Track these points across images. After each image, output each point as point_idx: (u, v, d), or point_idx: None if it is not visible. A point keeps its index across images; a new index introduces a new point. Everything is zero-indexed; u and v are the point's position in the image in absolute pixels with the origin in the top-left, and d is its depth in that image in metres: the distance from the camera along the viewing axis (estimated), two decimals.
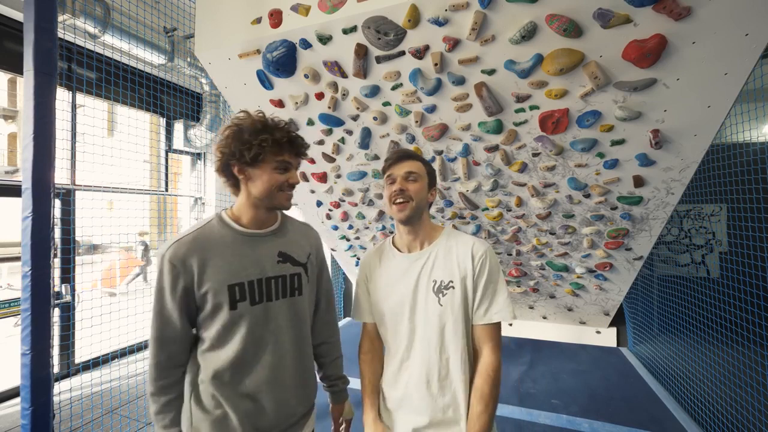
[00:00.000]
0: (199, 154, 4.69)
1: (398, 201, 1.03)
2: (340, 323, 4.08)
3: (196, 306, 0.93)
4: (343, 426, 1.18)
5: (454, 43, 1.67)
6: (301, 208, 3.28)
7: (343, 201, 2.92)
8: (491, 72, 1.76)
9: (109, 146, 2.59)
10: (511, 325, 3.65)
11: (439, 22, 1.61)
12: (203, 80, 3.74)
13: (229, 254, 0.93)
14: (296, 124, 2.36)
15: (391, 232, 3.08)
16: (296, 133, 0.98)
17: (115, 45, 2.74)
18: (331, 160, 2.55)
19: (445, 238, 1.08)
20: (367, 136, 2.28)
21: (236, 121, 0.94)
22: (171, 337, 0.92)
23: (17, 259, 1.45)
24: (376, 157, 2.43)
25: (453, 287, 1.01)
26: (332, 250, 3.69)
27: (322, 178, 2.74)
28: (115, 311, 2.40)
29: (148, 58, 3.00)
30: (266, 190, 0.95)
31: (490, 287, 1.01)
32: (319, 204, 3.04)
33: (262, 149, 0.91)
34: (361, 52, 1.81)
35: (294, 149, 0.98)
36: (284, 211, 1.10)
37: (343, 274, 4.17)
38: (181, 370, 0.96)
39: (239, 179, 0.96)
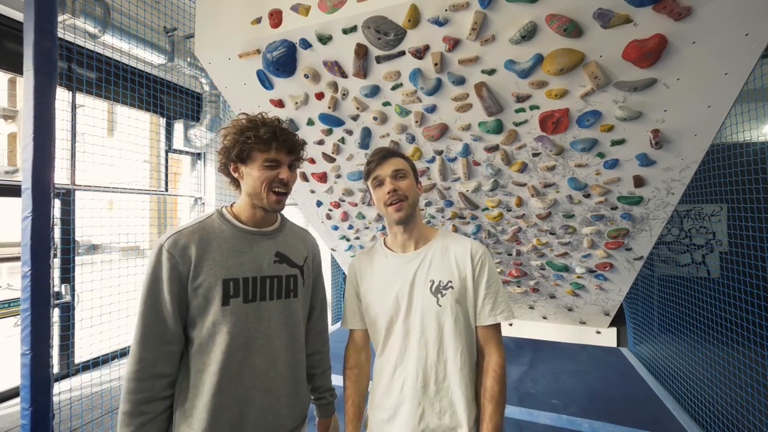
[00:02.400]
0: (199, 154, 4.69)
1: (393, 202, 1.00)
2: (341, 323, 4.08)
3: (186, 302, 0.88)
4: None
5: (454, 43, 1.67)
6: (301, 208, 3.29)
7: (343, 201, 2.92)
8: (491, 72, 1.76)
9: (109, 146, 2.59)
10: (511, 325, 3.65)
11: (439, 22, 1.61)
12: (203, 80, 3.73)
13: (227, 249, 0.91)
14: (296, 125, 2.36)
15: None
16: (286, 129, 0.96)
17: (115, 45, 2.74)
18: (331, 160, 2.55)
19: (440, 238, 1.07)
20: (367, 136, 2.28)
21: (232, 123, 0.95)
22: (162, 337, 0.85)
23: (17, 259, 1.45)
24: None
25: (452, 287, 0.99)
26: (332, 250, 3.69)
27: (322, 178, 2.74)
28: (115, 311, 2.40)
29: (148, 58, 3.00)
30: (255, 188, 0.93)
31: (492, 287, 1.01)
32: (319, 204, 3.04)
33: (246, 146, 0.90)
34: (361, 52, 1.81)
35: (283, 146, 0.94)
36: (284, 214, 1.09)
37: (343, 274, 4.17)
38: (165, 381, 0.86)
39: (237, 178, 0.97)
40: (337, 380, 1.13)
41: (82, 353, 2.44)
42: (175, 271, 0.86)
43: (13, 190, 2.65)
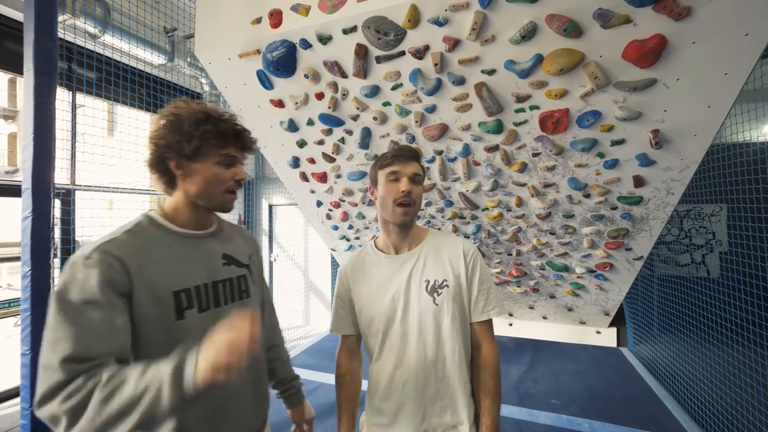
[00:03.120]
0: None
1: (404, 203, 1.00)
2: None
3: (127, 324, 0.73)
4: (308, 428, 1.12)
5: (454, 43, 1.67)
6: (301, 208, 3.29)
7: (343, 201, 2.92)
8: (491, 72, 1.76)
9: (109, 146, 2.59)
10: (511, 325, 3.65)
11: (439, 22, 1.61)
12: (203, 80, 3.73)
13: (170, 257, 0.81)
14: (296, 125, 2.36)
15: None
16: (242, 126, 0.90)
17: (115, 45, 2.74)
18: (331, 160, 2.55)
19: (432, 237, 1.08)
20: (367, 136, 2.28)
21: (174, 110, 0.82)
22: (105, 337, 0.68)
23: (17, 259, 1.45)
24: (376, 157, 2.43)
25: (447, 285, 1.00)
26: (332, 250, 3.69)
27: (322, 178, 2.74)
28: None
29: (148, 58, 3.00)
30: (207, 186, 0.84)
31: (484, 284, 1.03)
32: (319, 204, 3.04)
33: (204, 141, 0.81)
34: (361, 52, 1.81)
35: (240, 142, 0.87)
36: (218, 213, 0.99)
37: None
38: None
39: (175, 175, 0.84)
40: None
41: None
42: (112, 287, 0.70)
43: (13, 190, 2.65)
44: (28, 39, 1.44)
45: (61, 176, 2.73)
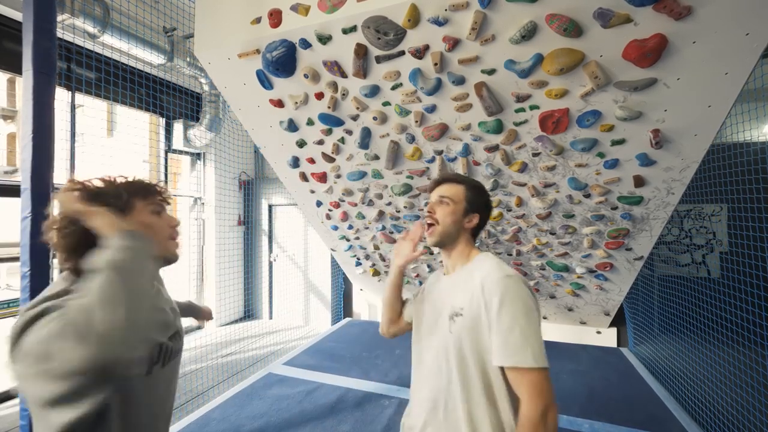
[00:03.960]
0: (198, 154, 4.69)
1: (428, 224, 1.05)
2: (341, 323, 4.08)
3: None
4: (208, 314, 1.35)
5: (454, 43, 1.67)
6: (301, 208, 3.28)
7: (343, 201, 2.92)
8: (491, 72, 1.76)
9: (108, 146, 2.59)
10: None
11: (439, 22, 1.61)
12: (203, 80, 3.74)
13: (149, 307, 0.75)
14: (296, 125, 2.35)
15: (391, 233, 3.08)
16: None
17: (114, 45, 2.74)
18: (331, 160, 2.54)
19: (474, 263, 1.00)
20: (367, 136, 2.28)
21: (72, 186, 0.77)
22: None
23: (16, 259, 1.44)
24: (376, 157, 2.43)
25: (461, 315, 0.93)
26: (332, 250, 3.69)
27: (322, 178, 2.73)
28: None
29: (147, 58, 3.00)
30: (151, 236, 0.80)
31: (504, 324, 0.85)
32: (318, 204, 3.04)
33: (132, 193, 0.80)
34: (361, 51, 1.81)
35: (160, 194, 0.86)
36: None
37: (343, 274, 4.17)
38: None
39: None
40: (335, 381, 1.13)
41: None
42: None
43: (12, 190, 2.65)
44: (27, 39, 1.44)
45: (60, 176, 2.72)
